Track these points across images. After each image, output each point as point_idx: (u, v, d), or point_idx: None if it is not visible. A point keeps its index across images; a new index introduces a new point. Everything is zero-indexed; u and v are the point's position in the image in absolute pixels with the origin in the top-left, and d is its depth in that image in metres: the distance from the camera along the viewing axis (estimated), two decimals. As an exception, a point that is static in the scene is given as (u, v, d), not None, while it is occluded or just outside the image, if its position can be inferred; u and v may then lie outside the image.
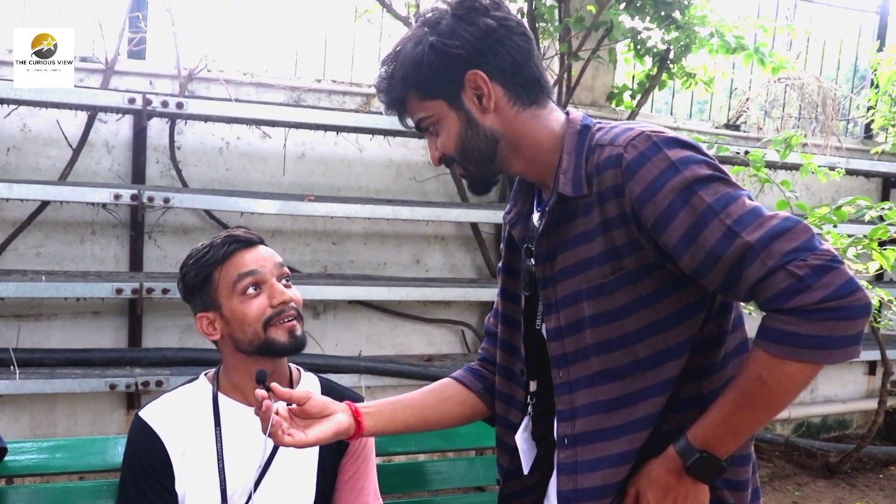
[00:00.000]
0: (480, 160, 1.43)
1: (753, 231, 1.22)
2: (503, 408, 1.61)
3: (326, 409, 1.46)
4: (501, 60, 1.39)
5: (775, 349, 1.22)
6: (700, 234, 1.25)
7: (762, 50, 4.20)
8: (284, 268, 1.76)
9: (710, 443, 1.32)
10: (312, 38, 4.22)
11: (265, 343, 1.68)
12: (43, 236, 3.61)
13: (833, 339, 1.19)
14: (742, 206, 1.25)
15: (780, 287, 1.19)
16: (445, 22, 1.39)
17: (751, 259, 1.21)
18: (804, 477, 4.80)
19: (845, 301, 1.18)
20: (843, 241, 3.53)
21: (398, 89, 1.42)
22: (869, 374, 5.69)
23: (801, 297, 1.18)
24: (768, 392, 1.25)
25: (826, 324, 1.18)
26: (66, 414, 3.62)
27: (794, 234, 1.21)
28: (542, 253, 1.44)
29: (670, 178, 1.27)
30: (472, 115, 1.41)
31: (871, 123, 5.66)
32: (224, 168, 3.90)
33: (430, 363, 4.00)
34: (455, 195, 4.31)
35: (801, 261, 1.19)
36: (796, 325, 1.19)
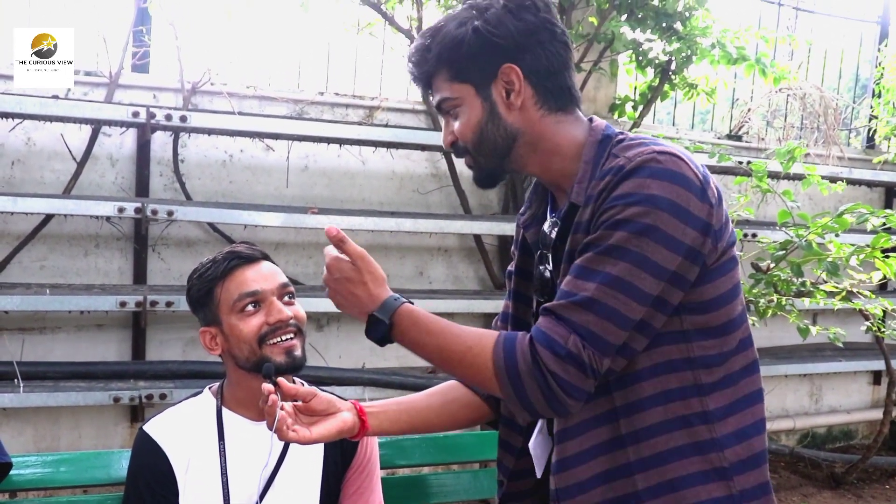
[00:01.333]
0: (494, 153, 1.43)
1: (605, 296, 1.27)
2: (509, 409, 1.61)
3: (332, 407, 1.47)
4: (538, 61, 1.40)
5: (496, 355, 1.31)
6: (589, 251, 1.30)
7: (764, 60, 4.22)
8: (288, 286, 1.76)
9: (401, 327, 1.39)
10: (315, 51, 4.24)
11: (261, 361, 1.68)
12: (47, 249, 3.61)
13: (525, 397, 1.29)
14: (633, 274, 1.27)
15: (553, 335, 1.27)
16: (494, 10, 1.39)
17: (575, 301, 1.28)
18: (810, 488, 4.78)
19: (561, 395, 1.27)
20: (846, 250, 3.53)
21: (431, 64, 1.42)
22: (874, 383, 5.67)
23: (549, 356, 1.26)
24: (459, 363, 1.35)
25: (534, 387, 1.28)
26: (70, 427, 3.62)
27: (611, 331, 1.27)
28: (557, 259, 1.45)
29: (626, 203, 1.28)
30: (497, 107, 1.41)
31: (874, 133, 5.67)
32: (227, 181, 3.91)
33: (434, 375, 3.99)
34: (458, 207, 4.31)
35: (583, 344, 1.26)
36: (524, 363, 1.27)
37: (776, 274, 3.69)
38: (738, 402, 1.39)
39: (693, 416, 1.36)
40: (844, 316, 4.78)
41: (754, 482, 1.39)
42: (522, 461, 1.60)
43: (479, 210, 4.37)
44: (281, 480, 1.73)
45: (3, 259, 3.50)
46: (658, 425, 1.35)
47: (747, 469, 1.38)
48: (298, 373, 1.73)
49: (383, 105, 4.19)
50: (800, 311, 3.81)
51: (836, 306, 3.75)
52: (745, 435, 1.39)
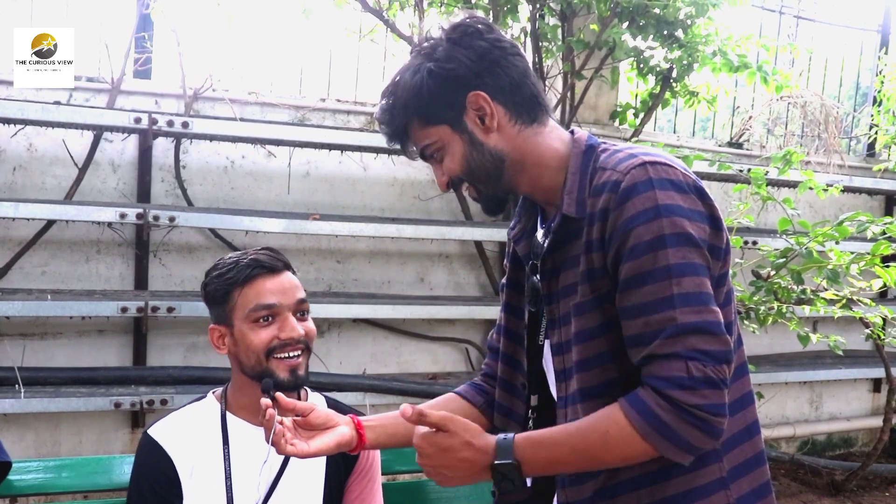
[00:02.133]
0: (489, 179, 1.45)
1: (688, 314, 1.26)
2: (502, 420, 1.62)
3: (329, 422, 1.48)
4: (500, 80, 1.41)
5: (635, 420, 1.27)
6: (646, 285, 1.28)
7: (765, 68, 4.23)
8: (304, 302, 1.76)
9: (526, 459, 1.33)
10: (317, 58, 4.25)
11: (265, 373, 1.69)
12: (48, 255, 3.62)
13: (685, 442, 1.26)
14: (696, 285, 1.28)
15: (672, 374, 1.25)
16: (441, 48, 1.41)
17: (668, 335, 1.26)
18: (809, 495, 4.77)
19: (712, 420, 1.25)
20: (846, 257, 3.53)
21: (399, 119, 1.44)
22: (874, 391, 5.67)
23: (682, 393, 1.24)
24: (603, 450, 1.30)
25: (688, 428, 1.25)
26: (71, 432, 3.62)
27: (715, 339, 1.27)
28: (547, 270, 1.46)
29: (649, 219, 1.29)
30: (476, 136, 1.42)
31: (874, 141, 5.68)
32: (229, 187, 3.92)
33: (434, 381, 4.00)
34: (459, 213, 4.32)
35: (703, 365, 1.25)
36: (666, 413, 1.25)
37: (776, 281, 3.69)
38: (734, 405, 1.39)
39: None
40: (845, 324, 4.79)
41: (749, 487, 1.40)
42: None
43: (480, 216, 4.37)
44: (284, 486, 1.73)
45: (4, 265, 3.51)
46: None
47: (742, 474, 1.40)
48: (298, 390, 1.73)
49: (385, 112, 4.19)
50: (800, 319, 3.82)
51: (836, 314, 3.75)
52: (739, 440, 1.41)
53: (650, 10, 3.95)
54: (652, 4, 3.91)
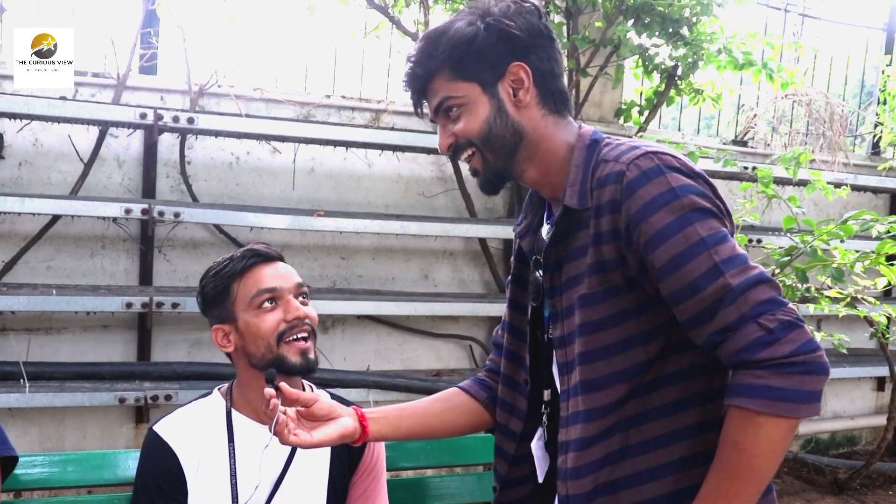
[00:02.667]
0: (503, 150, 1.44)
1: (737, 275, 1.25)
2: (504, 416, 1.63)
3: (333, 413, 1.49)
4: (543, 63, 1.43)
5: (749, 403, 1.23)
6: (687, 264, 1.27)
7: (771, 65, 4.22)
8: (303, 286, 1.78)
9: None
10: (322, 54, 4.25)
11: (276, 359, 1.69)
12: (53, 250, 3.62)
13: (801, 392, 1.22)
14: (731, 248, 1.28)
15: (752, 338, 1.22)
16: (502, 9, 1.41)
17: (728, 302, 1.24)
18: (813, 493, 4.77)
19: (810, 357, 1.22)
20: (851, 256, 3.53)
21: (435, 63, 1.42)
22: (878, 389, 5.67)
23: (771, 350, 1.22)
24: (747, 457, 1.25)
25: (795, 377, 1.21)
26: (76, 427, 3.63)
27: (768, 287, 1.26)
28: (550, 264, 1.47)
29: (668, 201, 1.30)
30: (505, 104, 1.42)
31: (879, 139, 5.67)
32: (234, 183, 3.92)
33: (438, 378, 4.01)
34: (463, 210, 4.32)
35: (772, 314, 1.23)
36: (767, 378, 1.22)
37: (781, 280, 3.69)
38: None
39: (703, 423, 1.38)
40: (849, 322, 4.78)
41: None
42: (516, 468, 1.61)
43: (484, 214, 4.37)
44: (289, 482, 1.74)
45: (9, 259, 3.52)
46: (660, 437, 1.38)
47: None
48: (311, 375, 1.74)
49: (389, 108, 4.20)
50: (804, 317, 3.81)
51: (840, 313, 3.74)
52: None
53: (655, 8, 3.94)
54: (657, 2, 3.91)
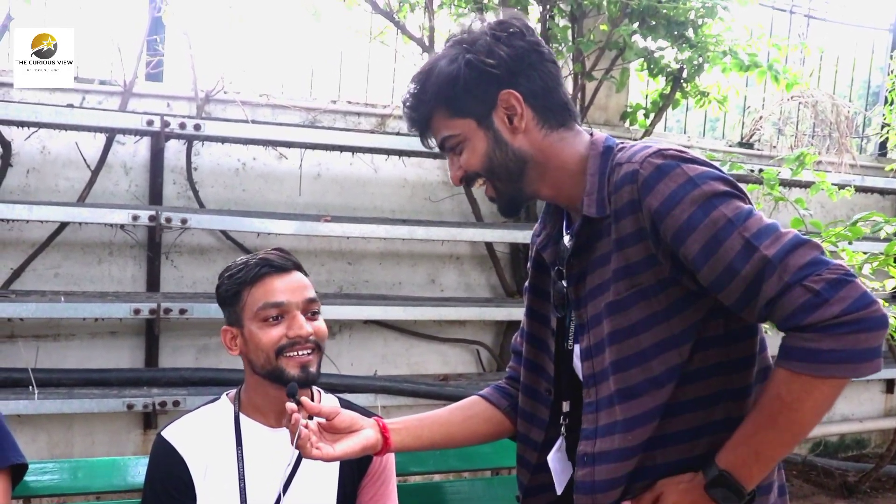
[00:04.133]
0: (509, 177, 1.44)
1: (770, 245, 1.23)
2: (525, 426, 1.62)
3: (355, 425, 1.49)
4: (533, 83, 1.42)
5: (798, 367, 1.21)
6: (720, 247, 1.26)
7: (776, 67, 4.21)
8: (314, 301, 1.76)
9: (732, 464, 1.30)
10: (327, 60, 4.26)
11: (275, 371, 1.69)
12: (61, 257, 3.64)
13: (856, 352, 1.18)
14: (759, 221, 1.27)
15: (798, 303, 1.19)
16: (482, 41, 1.41)
17: (769, 274, 1.22)
18: (822, 497, 4.76)
19: (863, 313, 1.17)
20: (859, 258, 3.51)
21: (428, 106, 1.44)
22: (887, 392, 5.65)
23: (819, 312, 1.18)
24: (788, 411, 1.24)
25: (848, 337, 1.17)
26: (84, 434, 3.63)
27: (807, 249, 1.22)
28: (574, 275, 1.46)
29: (689, 191, 1.29)
30: (502, 134, 1.42)
31: (886, 140, 5.66)
32: (240, 189, 3.93)
33: (445, 382, 4.00)
34: (470, 215, 4.32)
35: (817, 275, 1.19)
36: (818, 341, 1.18)
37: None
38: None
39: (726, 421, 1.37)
40: (857, 324, 4.76)
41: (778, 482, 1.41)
42: (538, 477, 1.60)
43: (490, 218, 4.37)
44: (298, 487, 1.73)
45: (18, 266, 3.53)
46: (684, 432, 1.38)
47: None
48: (309, 387, 1.73)
49: (395, 113, 4.21)
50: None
51: (848, 314, 3.73)
52: None
53: (660, 11, 3.94)
54: (662, 5, 3.91)
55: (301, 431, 1.40)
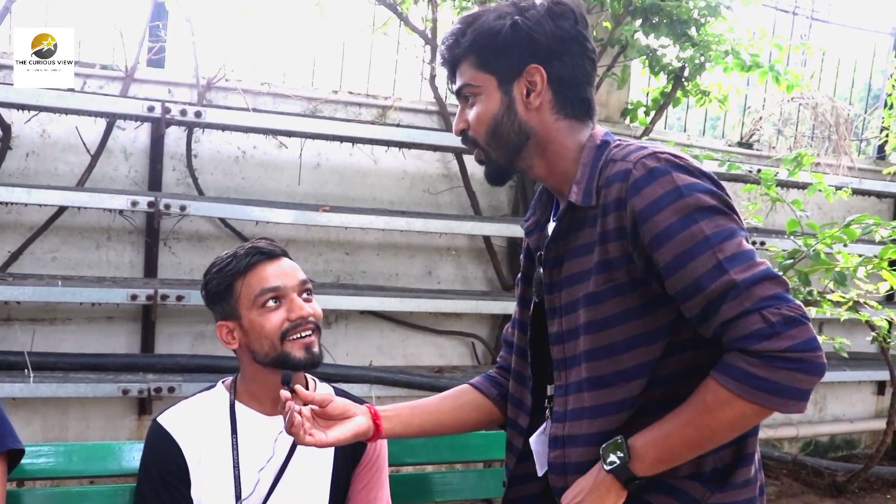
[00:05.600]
0: (507, 147, 1.47)
1: (741, 272, 1.26)
2: (513, 411, 1.65)
3: (347, 412, 1.51)
4: (565, 69, 1.44)
5: (731, 384, 1.26)
6: (691, 261, 1.29)
7: (777, 67, 4.22)
8: (307, 283, 1.78)
9: (638, 441, 1.36)
10: (329, 50, 4.26)
11: (281, 356, 1.70)
12: (59, 241, 3.64)
13: (788, 388, 1.24)
14: (737, 245, 1.29)
15: (751, 329, 1.24)
16: (535, 10, 1.43)
17: (732, 297, 1.26)
18: (811, 496, 4.79)
19: (807, 356, 1.23)
20: (853, 260, 3.53)
21: (463, 48, 1.46)
22: (878, 393, 5.68)
23: (768, 343, 1.23)
24: (708, 417, 1.29)
25: (785, 372, 1.23)
26: (79, 418, 3.65)
27: (774, 283, 1.26)
28: (550, 259, 1.48)
29: (673, 200, 1.31)
30: (515, 103, 1.45)
31: (885, 144, 5.67)
32: (240, 177, 3.94)
33: (440, 374, 4.02)
34: (468, 208, 4.33)
35: (776, 309, 1.24)
36: (757, 367, 1.23)
37: (784, 282, 3.70)
38: None
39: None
40: (850, 326, 4.79)
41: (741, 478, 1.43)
42: (524, 465, 1.62)
43: (489, 211, 4.38)
44: (291, 474, 1.75)
45: (16, 250, 3.53)
46: None
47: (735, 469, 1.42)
48: (316, 369, 1.74)
49: (396, 105, 4.21)
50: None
51: (842, 316, 3.75)
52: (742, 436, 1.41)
53: (664, 9, 3.94)
54: (665, 3, 3.91)
55: (294, 418, 1.41)
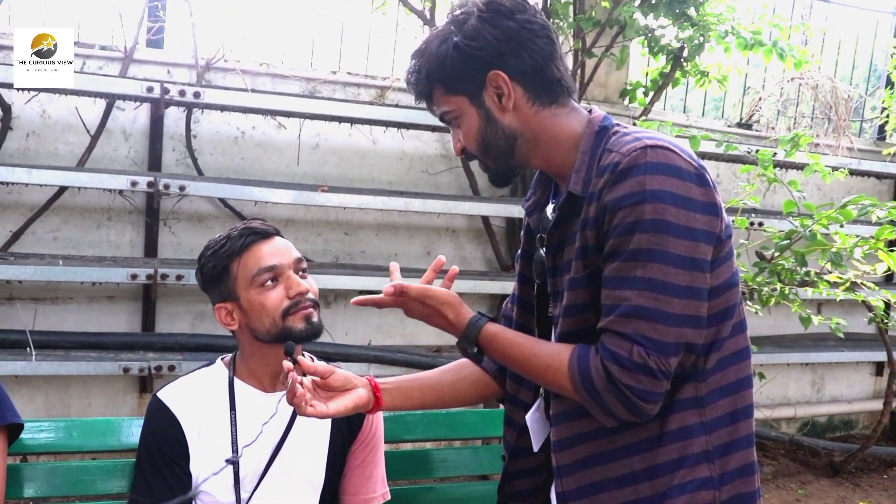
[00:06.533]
0: (499, 156, 1.50)
1: (646, 298, 1.31)
2: (514, 387, 1.67)
3: (348, 384, 1.53)
4: (522, 62, 1.44)
5: (573, 372, 1.37)
6: (615, 261, 1.34)
7: (781, 44, 4.20)
8: (301, 260, 1.80)
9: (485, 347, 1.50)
10: (328, 30, 4.26)
11: (283, 331, 1.72)
12: (60, 221, 3.66)
13: (608, 409, 1.36)
14: (662, 272, 1.31)
15: (617, 351, 1.32)
16: (471, 23, 1.43)
17: (620, 312, 1.32)
18: (808, 475, 4.82)
19: (640, 403, 1.33)
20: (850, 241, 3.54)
21: (424, 84, 1.49)
22: (876, 374, 5.70)
23: (619, 371, 1.32)
24: (542, 371, 1.43)
25: (614, 399, 1.34)
26: (80, 396, 3.68)
27: (665, 332, 1.31)
28: (553, 244, 1.50)
29: (634, 202, 1.32)
30: (492, 112, 1.46)
31: (885, 125, 5.66)
32: (239, 157, 3.95)
33: (438, 354, 4.05)
34: (467, 188, 4.34)
35: (647, 352, 1.31)
36: (600, 380, 1.34)
37: (780, 263, 3.71)
38: (730, 387, 1.43)
39: (687, 400, 1.40)
40: (849, 307, 4.81)
41: (735, 465, 1.44)
42: (524, 438, 1.65)
43: (487, 192, 4.39)
44: (288, 450, 1.77)
45: (17, 229, 3.56)
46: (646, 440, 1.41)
47: (730, 452, 1.43)
48: (316, 339, 1.76)
49: (395, 85, 4.22)
50: (803, 301, 3.83)
51: (839, 297, 3.76)
52: (735, 419, 1.44)
53: (662, -11, 3.94)
54: (664, -17, 3.90)
55: (297, 389, 1.44)
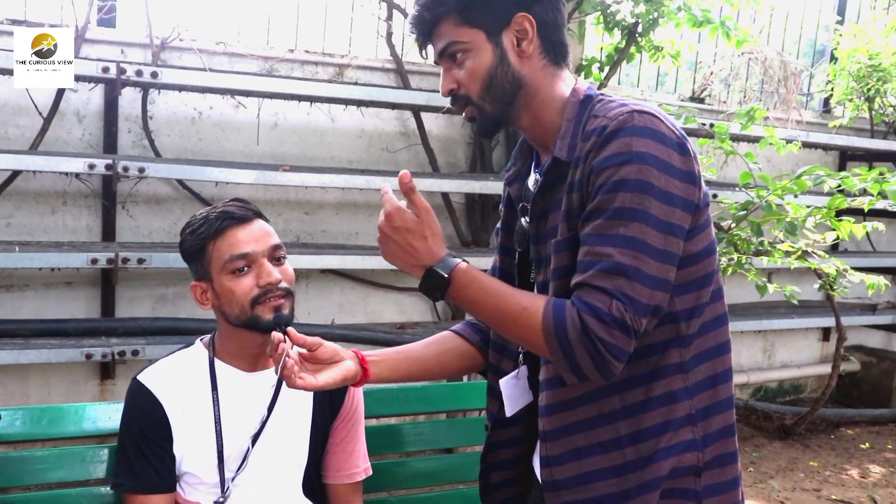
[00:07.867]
0: (502, 99, 1.48)
1: (627, 255, 1.31)
2: (496, 357, 1.69)
3: (336, 356, 1.54)
4: (547, 14, 1.46)
5: (547, 322, 1.34)
6: (598, 219, 1.34)
7: (727, 23, 4.29)
8: (279, 247, 1.78)
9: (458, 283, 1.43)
10: (285, 8, 4.21)
11: (251, 320, 1.72)
12: (13, 207, 3.58)
13: (575, 363, 1.33)
14: (642, 232, 1.32)
15: (595, 303, 1.31)
16: None
17: (601, 268, 1.32)
18: (761, 439, 4.98)
19: (610, 359, 1.31)
20: (803, 211, 3.65)
21: (444, 7, 1.45)
22: (823, 340, 5.91)
23: (595, 323, 1.30)
24: (511, 322, 1.39)
25: (584, 354, 1.32)
26: (40, 385, 3.62)
27: (642, 291, 1.32)
28: (537, 212, 1.52)
29: (620, 162, 1.34)
30: (508, 54, 1.46)
31: (830, 98, 5.81)
32: (197, 138, 3.90)
33: (402, 331, 4.07)
34: (426, 165, 4.35)
35: (627, 309, 1.30)
36: (574, 332, 1.31)
37: (737, 234, 3.81)
38: (710, 352, 1.48)
39: (673, 366, 1.44)
40: (798, 275, 4.96)
41: (717, 427, 1.48)
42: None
43: (447, 168, 4.41)
44: (272, 429, 1.78)
45: (-31, 215, 3.47)
46: (639, 377, 1.44)
47: (711, 414, 1.48)
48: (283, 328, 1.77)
49: (353, 63, 4.19)
50: (758, 270, 3.94)
51: (792, 265, 3.88)
52: (714, 382, 1.48)
53: (618, -36, 3.98)
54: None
55: (286, 361, 1.44)
